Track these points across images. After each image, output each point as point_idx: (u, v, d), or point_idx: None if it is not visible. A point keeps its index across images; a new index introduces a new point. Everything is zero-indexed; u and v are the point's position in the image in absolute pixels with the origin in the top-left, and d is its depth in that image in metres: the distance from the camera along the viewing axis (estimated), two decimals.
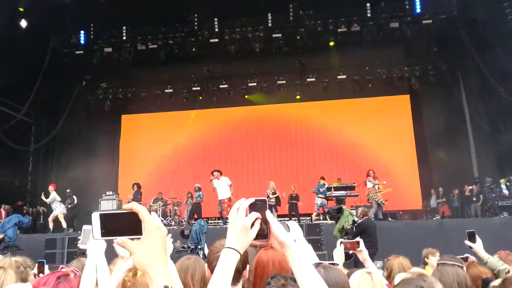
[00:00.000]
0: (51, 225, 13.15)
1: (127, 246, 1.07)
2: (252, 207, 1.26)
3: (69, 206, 13.63)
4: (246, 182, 16.44)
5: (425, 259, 5.35)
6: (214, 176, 12.21)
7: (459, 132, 15.78)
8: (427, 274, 2.24)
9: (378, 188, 12.28)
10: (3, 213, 14.80)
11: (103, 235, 1.08)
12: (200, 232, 9.42)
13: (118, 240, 1.08)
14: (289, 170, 16.84)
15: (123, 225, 1.08)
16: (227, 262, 1.25)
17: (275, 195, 12.77)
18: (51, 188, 13.25)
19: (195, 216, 13.03)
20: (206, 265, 1.92)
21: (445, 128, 15.73)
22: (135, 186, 13.93)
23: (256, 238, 1.25)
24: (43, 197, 13.34)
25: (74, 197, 13.90)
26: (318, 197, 12.95)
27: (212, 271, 1.84)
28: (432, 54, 15.91)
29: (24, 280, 3.02)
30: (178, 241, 9.14)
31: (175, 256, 8.28)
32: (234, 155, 17.62)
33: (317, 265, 1.83)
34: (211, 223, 14.11)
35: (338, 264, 2.25)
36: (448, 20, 15.43)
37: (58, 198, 13.24)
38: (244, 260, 1.83)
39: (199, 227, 9.55)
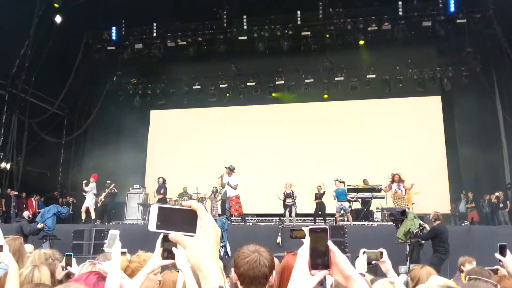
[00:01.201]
0: (83, 215, 13.55)
1: (180, 240, 1.08)
2: (313, 235, 1.19)
3: (109, 191, 13.99)
4: (270, 181, 16.44)
5: (461, 266, 5.20)
6: (225, 173, 12.31)
7: (492, 135, 15.29)
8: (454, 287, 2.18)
9: (406, 193, 12.03)
10: (34, 203, 15.32)
11: (158, 227, 1.08)
12: (222, 229, 9.49)
13: (172, 234, 1.09)
14: (314, 169, 16.72)
15: (179, 221, 1.09)
16: None
17: (291, 197, 12.70)
18: (92, 179, 13.66)
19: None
20: (232, 268, 1.93)
21: (477, 131, 15.28)
22: (161, 179, 14.12)
23: (316, 267, 1.17)
24: (84, 185, 13.70)
25: (114, 188, 14.25)
26: (338, 201, 12.81)
27: (238, 275, 1.87)
28: (466, 54, 15.43)
29: (52, 272, 3.11)
30: None
31: None
32: (259, 152, 17.63)
33: None
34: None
35: (364, 275, 2.22)
36: (484, 19, 14.96)
37: (95, 191, 13.62)
38: (271, 266, 1.86)
39: (221, 225, 9.62)
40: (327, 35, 16.14)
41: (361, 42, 16.23)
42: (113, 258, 2.70)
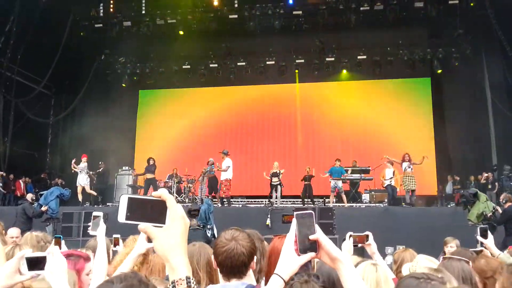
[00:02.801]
0: (80, 197, 13.40)
1: (149, 231, 1.08)
2: (300, 220, 1.25)
3: (100, 170, 13.95)
4: (260, 161, 16.48)
5: (444, 247, 5.27)
6: (222, 158, 12.42)
7: (480, 118, 15.41)
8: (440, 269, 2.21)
9: (394, 175, 12.19)
10: (22, 185, 15.18)
11: (127, 218, 1.08)
12: (208, 211, 9.53)
13: (141, 225, 1.08)
14: (303, 150, 16.78)
15: (149, 211, 1.09)
16: None
17: (277, 176, 12.76)
18: (83, 159, 13.45)
19: (213, 194, 13.08)
20: (212, 254, 1.93)
21: (466, 114, 15.39)
22: (151, 160, 14.03)
23: (304, 251, 1.24)
24: (73, 164, 13.50)
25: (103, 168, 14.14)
26: (332, 179, 12.89)
27: (217, 264, 1.85)
28: (457, 36, 15.41)
29: None
30: (194, 219, 9.30)
31: (192, 234, 8.47)
32: (249, 133, 17.61)
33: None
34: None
35: None
36: (476, 1, 14.86)
37: (87, 170, 13.47)
38: (250, 254, 1.84)
39: (207, 207, 9.65)
40: (319, 15, 15.94)
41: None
42: (99, 240, 2.70)
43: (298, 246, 1.23)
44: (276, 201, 12.50)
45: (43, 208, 10.28)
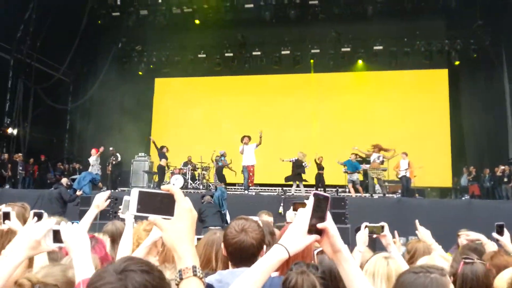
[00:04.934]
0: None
1: (158, 223, 1.16)
2: (316, 201, 1.24)
3: (113, 163, 13.90)
4: (274, 150, 16.55)
5: (458, 239, 5.20)
6: (243, 142, 12.31)
7: (498, 111, 15.21)
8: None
9: (409, 166, 12.20)
10: None
11: (138, 211, 1.16)
12: (222, 198, 9.67)
13: (151, 217, 1.16)
14: (317, 140, 16.79)
15: (158, 204, 1.17)
16: (273, 257, 1.21)
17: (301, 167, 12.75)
18: (93, 151, 13.46)
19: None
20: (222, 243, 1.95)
21: (483, 106, 15.20)
22: (164, 148, 14.11)
23: (311, 231, 1.22)
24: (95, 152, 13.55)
25: (118, 154, 14.16)
26: (345, 171, 12.95)
27: (227, 253, 1.90)
28: (476, 28, 15.16)
29: None
30: (207, 196, 9.63)
31: (207, 206, 8.85)
32: (264, 122, 17.65)
33: (320, 252, 1.84)
34: (230, 188, 14.24)
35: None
36: None
37: (95, 164, 13.36)
38: (259, 244, 1.88)
39: (221, 193, 9.77)
40: (335, 5, 15.83)
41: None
42: (126, 223, 2.78)
43: (309, 225, 1.22)
44: (293, 192, 12.54)
45: (78, 193, 10.57)
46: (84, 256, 1.60)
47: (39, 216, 2.36)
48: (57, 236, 1.66)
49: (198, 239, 2.46)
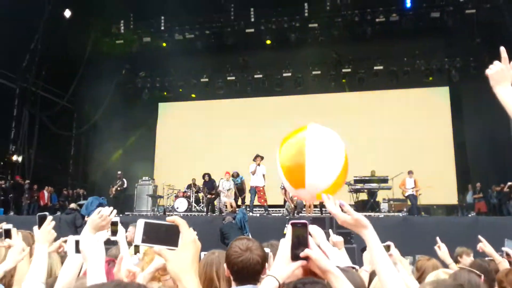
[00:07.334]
0: None
1: (163, 254, 1.19)
2: (294, 229, 1.32)
3: (119, 188, 13.96)
4: (276, 171, 16.53)
5: (458, 257, 5.17)
6: (257, 162, 12.00)
7: (500, 126, 15.20)
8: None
9: (415, 185, 12.26)
10: (46, 194, 15.58)
11: (143, 241, 1.19)
12: (244, 220, 9.59)
13: (156, 248, 1.19)
14: None
15: (163, 235, 1.20)
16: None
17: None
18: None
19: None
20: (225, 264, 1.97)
21: (485, 122, 15.18)
22: (206, 176, 13.61)
23: (296, 258, 1.30)
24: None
25: (124, 180, 14.20)
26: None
27: (231, 272, 1.91)
28: (474, 45, 15.33)
29: (62, 257, 3.18)
30: (229, 216, 9.73)
31: (226, 226, 8.97)
32: (266, 144, 17.68)
33: None
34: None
35: (356, 269, 2.20)
36: (493, 9, 14.79)
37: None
38: (263, 262, 1.90)
39: (242, 216, 9.70)
40: (334, 27, 16.09)
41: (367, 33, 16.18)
42: (120, 244, 2.80)
43: (291, 252, 1.30)
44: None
45: (87, 218, 10.59)
46: (97, 266, 1.68)
47: (43, 218, 2.35)
48: (78, 247, 1.80)
49: None
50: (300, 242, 1.31)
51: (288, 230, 1.32)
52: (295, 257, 1.30)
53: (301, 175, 1.82)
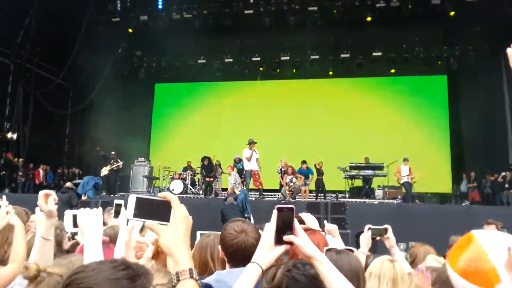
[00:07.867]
0: None
1: (155, 228, 1.20)
2: (280, 213, 1.31)
3: (115, 168, 13.70)
4: (272, 155, 16.55)
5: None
6: (252, 148, 12.16)
7: (497, 116, 15.26)
8: None
9: (410, 172, 12.33)
10: (42, 173, 15.51)
11: (134, 216, 1.20)
12: (245, 201, 9.63)
13: (147, 223, 1.20)
14: (316, 145, 16.81)
15: (155, 210, 1.20)
16: (249, 275, 1.29)
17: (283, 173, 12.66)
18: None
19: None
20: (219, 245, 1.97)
21: (482, 112, 15.24)
22: (206, 160, 13.70)
23: (280, 243, 1.29)
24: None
25: (119, 161, 13.90)
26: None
27: (226, 254, 1.92)
28: (474, 34, 15.23)
29: (59, 242, 3.15)
30: (230, 197, 9.71)
31: (226, 207, 9.02)
32: (263, 127, 17.68)
33: (328, 250, 1.85)
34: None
35: (353, 251, 2.20)
36: None
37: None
38: (257, 244, 1.87)
39: (244, 196, 9.73)
40: (334, 11, 15.91)
41: (368, 18, 16.02)
42: (121, 228, 2.78)
43: (275, 237, 1.29)
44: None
45: (83, 198, 10.59)
46: (94, 241, 1.69)
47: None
48: (76, 221, 1.79)
49: None
50: (285, 227, 1.29)
51: (274, 214, 1.31)
52: (278, 241, 1.29)
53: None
